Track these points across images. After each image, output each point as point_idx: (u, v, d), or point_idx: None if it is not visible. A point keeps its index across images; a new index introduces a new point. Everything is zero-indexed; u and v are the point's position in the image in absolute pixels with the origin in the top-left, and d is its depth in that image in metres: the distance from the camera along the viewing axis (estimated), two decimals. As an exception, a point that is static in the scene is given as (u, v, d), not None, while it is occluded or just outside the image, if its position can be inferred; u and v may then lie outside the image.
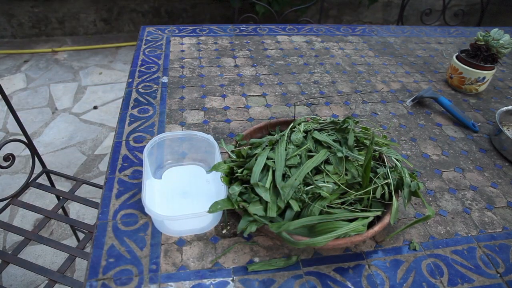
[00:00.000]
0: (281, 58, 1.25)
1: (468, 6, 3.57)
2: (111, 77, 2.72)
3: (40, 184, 1.21)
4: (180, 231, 0.65)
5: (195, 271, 0.60)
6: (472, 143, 0.94)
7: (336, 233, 0.58)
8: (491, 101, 1.13)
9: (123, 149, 0.81)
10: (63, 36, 3.16)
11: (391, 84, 1.16)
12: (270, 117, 0.96)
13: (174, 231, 0.65)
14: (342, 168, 0.65)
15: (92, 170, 1.97)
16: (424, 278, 0.62)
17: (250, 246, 0.64)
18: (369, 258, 0.64)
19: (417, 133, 0.96)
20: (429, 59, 1.34)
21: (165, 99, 0.98)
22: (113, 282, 0.56)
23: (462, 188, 0.81)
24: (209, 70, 1.14)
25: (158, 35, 1.31)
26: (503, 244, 0.69)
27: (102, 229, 0.64)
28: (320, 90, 1.10)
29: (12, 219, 1.67)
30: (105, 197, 0.70)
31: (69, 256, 0.98)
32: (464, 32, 1.58)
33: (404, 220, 0.72)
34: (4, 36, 3.03)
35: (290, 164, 0.64)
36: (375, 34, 1.48)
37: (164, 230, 0.65)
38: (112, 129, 2.25)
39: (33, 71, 2.71)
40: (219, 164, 0.67)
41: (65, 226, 1.66)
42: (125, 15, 3.19)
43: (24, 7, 2.93)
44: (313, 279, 0.60)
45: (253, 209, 0.59)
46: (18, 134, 2.06)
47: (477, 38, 1.11)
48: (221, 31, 1.39)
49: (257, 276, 0.60)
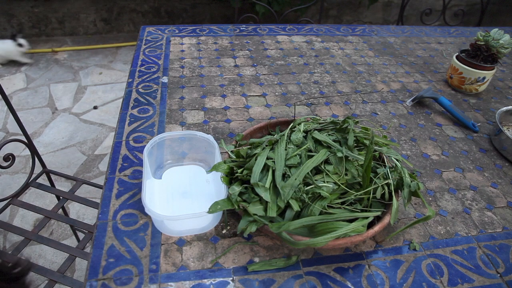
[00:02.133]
0: (281, 58, 1.25)
1: (468, 6, 3.57)
2: (111, 77, 2.72)
3: (40, 184, 1.21)
4: (180, 231, 0.65)
5: (195, 271, 0.60)
6: (472, 143, 0.94)
7: (336, 233, 0.58)
8: (491, 101, 1.13)
9: (123, 149, 0.81)
10: (63, 36, 3.16)
11: (391, 84, 1.16)
12: (270, 117, 0.96)
13: (174, 231, 0.65)
14: (342, 168, 0.65)
15: (92, 170, 1.97)
16: (424, 278, 0.62)
17: (250, 246, 0.64)
18: (369, 258, 0.64)
19: (417, 133, 0.96)
20: (429, 59, 1.34)
21: (165, 99, 0.98)
22: (113, 282, 0.56)
23: (462, 188, 0.81)
24: (209, 70, 1.14)
25: (158, 35, 1.31)
26: (503, 244, 0.69)
27: (102, 229, 0.64)
28: (320, 90, 1.10)
29: (12, 219, 1.67)
30: (105, 197, 0.70)
31: (69, 256, 0.98)
32: (464, 32, 1.58)
33: (404, 220, 0.72)
34: (4, 36, 3.03)
35: (290, 164, 0.64)
36: (375, 34, 1.48)
37: (164, 230, 0.65)
38: (112, 129, 2.25)
39: (33, 71, 2.71)
40: (219, 164, 0.67)
41: (65, 226, 1.66)
42: (125, 15, 3.19)
43: (24, 7, 2.93)
44: (313, 279, 0.60)
45: (253, 209, 0.59)
46: (18, 134, 2.06)
47: (477, 38, 1.11)
48: (221, 31, 1.39)
49: (257, 276, 0.60)
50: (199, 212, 0.60)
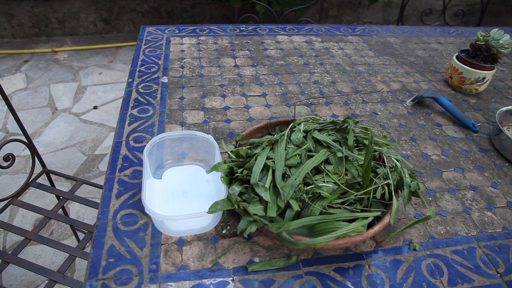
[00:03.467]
0: (281, 58, 1.25)
1: (468, 6, 3.57)
2: (111, 77, 2.72)
3: (40, 184, 1.21)
4: (180, 231, 0.65)
5: (195, 271, 0.60)
6: (472, 143, 0.94)
7: (336, 233, 0.58)
8: (491, 101, 1.13)
9: (123, 149, 0.81)
10: (63, 36, 3.16)
11: (391, 84, 1.16)
12: (270, 117, 0.96)
13: (174, 231, 0.65)
14: (342, 168, 0.65)
15: (92, 170, 1.97)
16: (424, 278, 0.62)
17: (250, 246, 0.64)
18: (369, 258, 0.64)
19: (417, 133, 0.96)
20: (429, 59, 1.34)
21: (165, 99, 0.98)
22: (113, 282, 0.56)
23: (462, 188, 0.81)
24: (209, 70, 1.14)
25: (158, 35, 1.31)
26: (503, 244, 0.69)
27: (102, 229, 0.64)
28: (320, 90, 1.10)
29: (12, 219, 1.67)
30: (105, 197, 0.70)
31: (69, 256, 0.98)
32: (464, 32, 1.58)
33: (404, 220, 0.72)
34: (4, 36, 3.03)
35: (290, 164, 0.64)
36: (375, 34, 1.48)
37: (164, 230, 0.65)
38: (112, 129, 2.25)
39: (33, 71, 2.71)
40: (219, 164, 0.67)
41: (65, 226, 1.66)
42: (125, 15, 3.19)
43: (24, 7, 2.93)
44: (313, 279, 0.60)
45: (253, 209, 0.59)
46: (18, 134, 2.06)
47: (477, 38, 1.11)
48: (221, 31, 1.39)
49: (257, 276, 0.60)
50: (199, 212, 0.60)
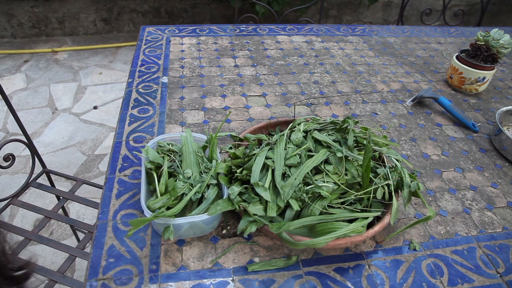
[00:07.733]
0: (281, 58, 1.25)
1: (468, 6, 3.57)
2: (111, 77, 2.72)
3: (40, 184, 1.21)
4: (179, 235, 0.65)
5: (195, 271, 0.60)
6: (472, 143, 0.94)
7: (336, 233, 0.58)
8: (491, 101, 1.13)
9: (123, 149, 0.81)
10: (63, 36, 3.16)
11: (391, 84, 1.16)
12: (270, 117, 0.96)
13: (174, 235, 0.65)
14: (342, 168, 0.65)
15: (92, 170, 1.97)
16: (424, 278, 0.62)
17: (250, 246, 0.64)
18: (369, 258, 0.64)
19: (417, 133, 0.96)
20: (429, 59, 1.33)
21: (165, 99, 0.98)
22: (113, 282, 0.56)
23: (462, 188, 0.81)
24: (209, 70, 1.14)
25: (158, 35, 1.31)
26: (503, 244, 0.69)
27: (102, 229, 0.64)
28: (320, 90, 1.10)
29: (12, 219, 1.67)
30: (105, 197, 0.70)
31: (69, 256, 0.98)
32: (464, 32, 1.58)
33: (404, 220, 0.72)
34: (4, 36, 3.03)
35: (289, 164, 0.64)
36: (375, 34, 1.48)
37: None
38: (112, 129, 2.25)
39: (33, 71, 2.71)
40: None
41: (65, 226, 1.66)
42: (125, 15, 3.19)
43: (24, 7, 2.93)
44: (313, 279, 0.60)
45: (253, 209, 0.59)
46: (18, 134, 2.06)
47: (477, 38, 1.11)
48: (221, 31, 1.39)
49: (257, 276, 0.60)
50: (199, 215, 0.60)
